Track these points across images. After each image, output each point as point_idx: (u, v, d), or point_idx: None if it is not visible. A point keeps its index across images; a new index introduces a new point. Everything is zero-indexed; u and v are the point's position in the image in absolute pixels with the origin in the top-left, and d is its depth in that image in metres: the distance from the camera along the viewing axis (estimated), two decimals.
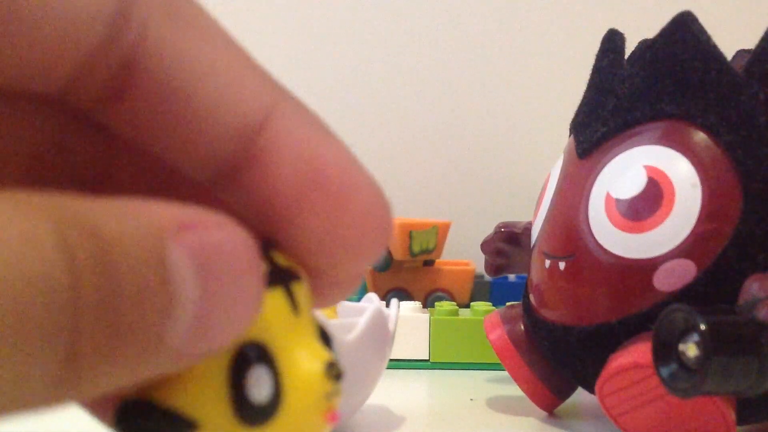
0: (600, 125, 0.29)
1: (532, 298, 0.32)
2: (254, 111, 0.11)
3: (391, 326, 0.31)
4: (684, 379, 0.22)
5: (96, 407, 0.11)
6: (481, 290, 0.55)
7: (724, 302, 0.24)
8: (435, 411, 0.36)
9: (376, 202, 0.11)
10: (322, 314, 0.28)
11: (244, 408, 0.10)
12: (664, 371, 0.22)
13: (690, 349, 0.22)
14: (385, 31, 0.72)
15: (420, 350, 0.43)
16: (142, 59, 0.10)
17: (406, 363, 0.43)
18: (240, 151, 0.11)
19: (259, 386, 0.10)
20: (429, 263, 0.53)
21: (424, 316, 0.43)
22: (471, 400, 0.36)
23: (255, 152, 0.11)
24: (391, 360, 0.31)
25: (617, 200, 0.27)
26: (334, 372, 0.11)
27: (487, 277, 0.52)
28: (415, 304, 0.44)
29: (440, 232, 0.51)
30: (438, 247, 0.52)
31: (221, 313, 0.10)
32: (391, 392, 0.37)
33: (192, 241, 0.09)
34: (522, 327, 0.33)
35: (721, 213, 0.25)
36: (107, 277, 0.08)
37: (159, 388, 0.10)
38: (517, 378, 0.33)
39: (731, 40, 0.28)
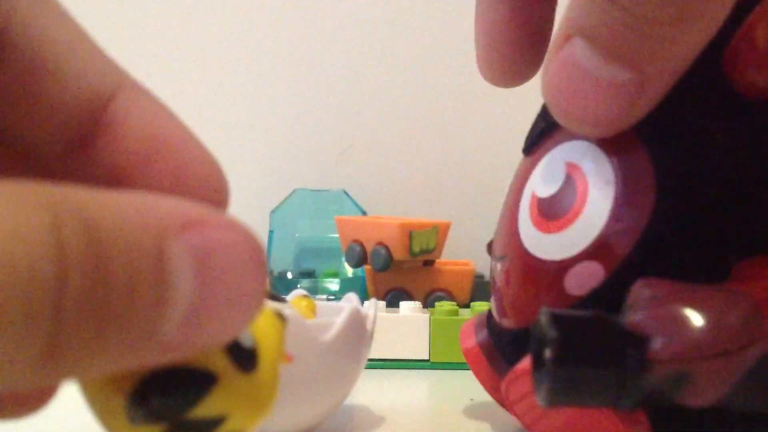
0: (541, 120, 0.28)
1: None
2: (103, 85, 0.12)
3: (368, 326, 0.30)
4: (544, 388, 0.20)
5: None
6: (481, 290, 0.55)
7: None
8: (435, 411, 0.36)
9: (213, 171, 0.13)
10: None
11: (241, 354, 0.12)
12: (534, 379, 0.21)
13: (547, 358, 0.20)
14: (387, 31, 0.72)
15: (420, 350, 0.43)
16: (10, 37, 0.11)
17: (406, 363, 0.43)
18: (89, 122, 0.12)
19: (244, 335, 0.12)
20: (429, 263, 0.53)
21: (424, 316, 0.43)
22: (471, 400, 0.36)
23: (103, 124, 0.12)
24: (391, 360, 0.31)
25: (539, 199, 0.26)
26: (280, 315, 0.14)
27: (488, 277, 0.52)
28: (415, 304, 0.44)
29: (440, 232, 0.51)
30: (438, 247, 0.52)
31: (217, 312, 0.10)
32: (391, 392, 0.37)
33: (194, 240, 0.10)
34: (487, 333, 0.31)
35: (632, 212, 0.23)
36: (97, 270, 0.09)
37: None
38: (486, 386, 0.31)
39: None
